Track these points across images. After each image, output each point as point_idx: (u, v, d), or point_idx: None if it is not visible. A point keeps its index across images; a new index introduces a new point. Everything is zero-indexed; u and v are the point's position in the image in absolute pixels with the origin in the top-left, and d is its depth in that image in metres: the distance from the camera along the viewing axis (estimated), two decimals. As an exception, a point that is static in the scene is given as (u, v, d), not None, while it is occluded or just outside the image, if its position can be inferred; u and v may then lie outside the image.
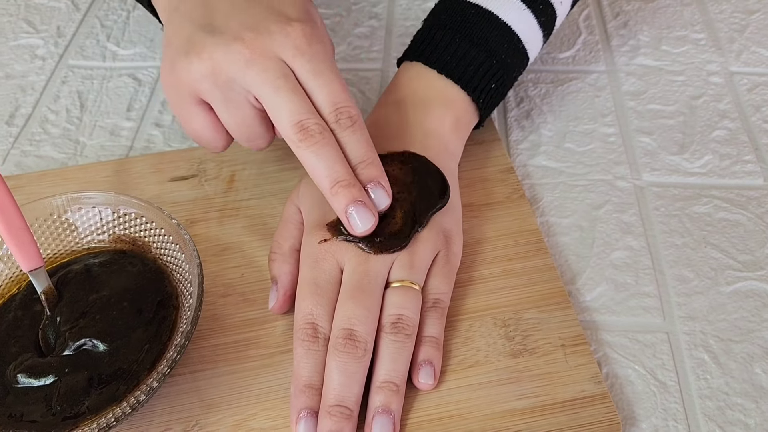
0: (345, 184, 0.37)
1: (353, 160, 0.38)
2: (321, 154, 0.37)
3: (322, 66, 0.38)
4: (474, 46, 0.45)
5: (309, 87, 0.38)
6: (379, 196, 0.38)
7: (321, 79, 0.38)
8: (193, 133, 0.42)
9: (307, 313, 0.39)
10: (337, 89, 0.38)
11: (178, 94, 0.40)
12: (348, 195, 0.37)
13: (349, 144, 0.38)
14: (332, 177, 0.37)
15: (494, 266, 0.44)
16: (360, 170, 0.38)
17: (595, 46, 0.60)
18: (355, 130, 0.38)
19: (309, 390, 0.37)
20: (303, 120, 0.37)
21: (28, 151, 0.54)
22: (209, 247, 0.46)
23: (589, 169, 0.51)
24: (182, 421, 0.38)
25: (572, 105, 0.55)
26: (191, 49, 0.38)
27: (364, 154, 0.38)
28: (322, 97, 0.38)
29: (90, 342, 0.36)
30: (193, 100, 0.39)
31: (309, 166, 0.37)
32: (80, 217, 0.41)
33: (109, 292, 0.38)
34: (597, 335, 0.42)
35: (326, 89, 0.38)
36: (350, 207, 0.37)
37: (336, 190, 0.37)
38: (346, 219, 0.38)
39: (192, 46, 0.38)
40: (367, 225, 0.38)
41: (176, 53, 0.39)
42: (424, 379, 0.39)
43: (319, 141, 0.37)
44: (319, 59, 0.38)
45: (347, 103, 0.38)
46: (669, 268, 0.45)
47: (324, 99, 0.38)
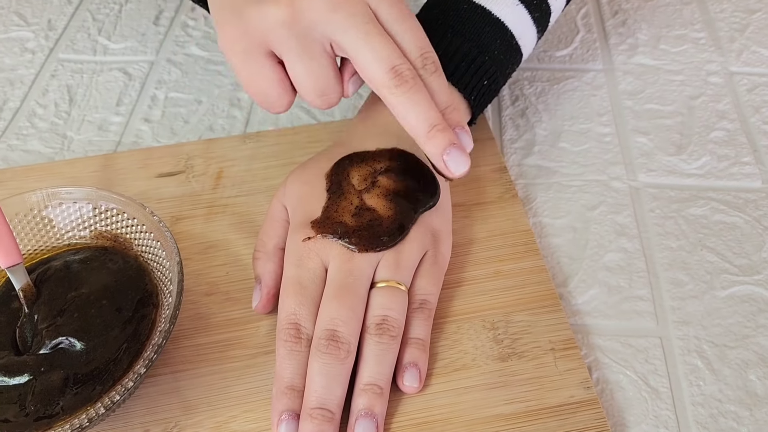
0: (441, 128, 0.36)
1: (441, 104, 0.37)
2: (416, 99, 0.36)
3: (405, 11, 0.37)
4: (466, 42, 0.44)
5: (395, 32, 0.37)
6: (466, 139, 0.38)
7: (406, 24, 0.37)
8: (259, 91, 0.39)
9: (291, 313, 0.38)
10: (421, 34, 0.37)
11: (246, 46, 0.37)
12: (445, 139, 0.36)
13: (435, 89, 0.37)
14: (429, 121, 0.36)
15: (484, 267, 0.43)
16: (447, 114, 0.37)
17: (593, 45, 0.59)
18: (439, 75, 0.37)
19: (291, 392, 0.36)
20: (397, 65, 0.36)
21: (15, 145, 0.54)
22: (194, 245, 0.45)
23: (584, 170, 0.50)
24: (161, 422, 0.37)
25: (568, 104, 0.54)
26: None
27: (450, 99, 0.38)
28: (409, 43, 0.37)
29: (67, 340, 0.35)
30: (263, 52, 0.37)
31: (403, 111, 0.36)
32: (60, 213, 0.40)
33: (88, 290, 0.37)
34: (588, 339, 0.41)
35: (411, 34, 0.37)
36: (448, 149, 0.36)
37: (433, 134, 0.36)
38: (443, 162, 0.36)
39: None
40: (464, 168, 0.37)
41: (244, 2, 0.37)
42: (409, 381, 0.38)
43: (414, 86, 0.36)
44: (401, 5, 0.37)
45: (431, 48, 0.38)
46: (663, 271, 0.44)
47: (411, 44, 0.37)
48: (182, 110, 0.55)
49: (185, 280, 0.43)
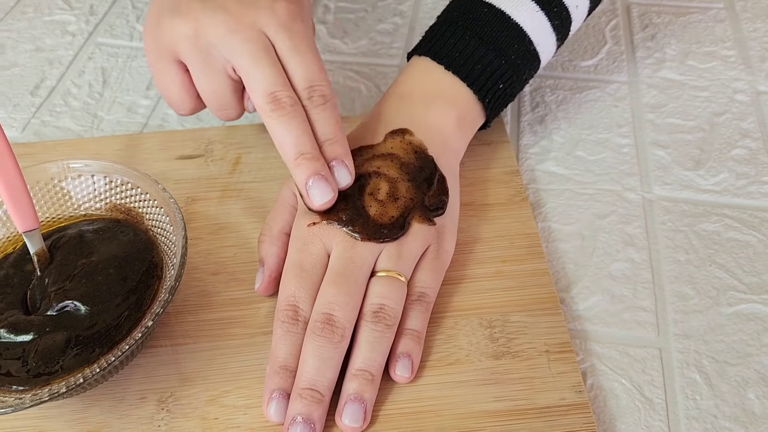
0: (309, 157, 0.38)
1: (321, 136, 0.39)
2: (289, 125, 0.38)
3: (302, 44, 0.39)
4: (483, 45, 0.44)
5: (287, 63, 0.39)
6: (342, 174, 0.39)
7: (300, 56, 0.39)
8: (164, 92, 0.43)
9: (290, 295, 0.39)
10: (314, 68, 0.39)
11: (158, 49, 0.41)
12: (310, 167, 0.38)
13: (318, 121, 0.39)
14: (297, 149, 0.38)
15: (487, 266, 0.43)
16: (326, 147, 0.39)
17: (620, 57, 0.59)
18: (326, 108, 0.39)
19: (284, 371, 0.37)
20: (276, 91, 0.38)
21: (48, 121, 0.56)
22: (206, 225, 0.46)
23: (597, 179, 0.50)
24: (158, 391, 0.38)
25: (588, 113, 0.54)
26: (178, 9, 0.39)
27: (332, 132, 0.39)
28: (298, 74, 0.39)
29: (73, 304, 0.37)
30: (171, 57, 0.41)
31: (277, 136, 0.38)
32: (78, 184, 0.42)
33: (97, 258, 0.39)
34: (586, 345, 0.41)
35: (303, 67, 0.39)
36: (311, 179, 0.38)
37: (299, 162, 0.38)
38: (306, 191, 0.38)
39: (179, 7, 0.39)
40: (325, 198, 0.38)
41: (163, 11, 0.40)
42: (400, 371, 0.38)
43: (290, 113, 0.38)
44: (300, 37, 0.39)
45: (322, 82, 0.39)
46: (669, 283, 0.44)
47: (300, 75, 0.39)
48: (209, 97, 0.57)
49: (194, 258, 0.44)
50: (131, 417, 0.38)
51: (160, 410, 0.38)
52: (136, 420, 0.37)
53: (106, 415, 0.38)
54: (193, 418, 0.37)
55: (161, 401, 0.38)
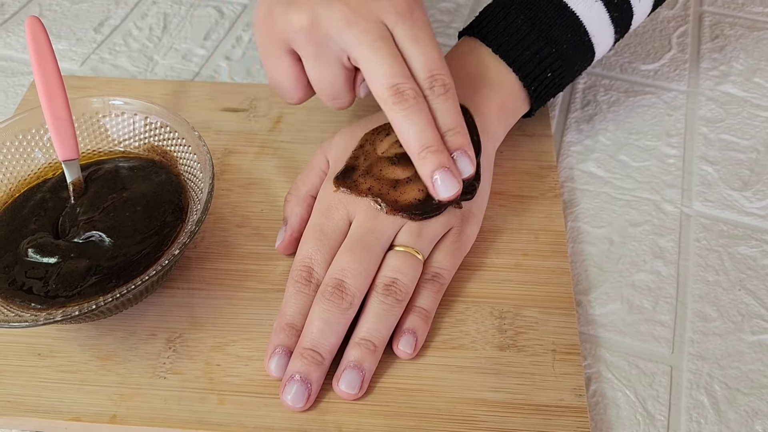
0: (433, 150, 0.37)
1: (443, 127, 0.38)
2: (413, 118, 0.37)
3: (421, 33, 0.38)
4: (535, 31, 0.43)
5: (407, 52, 0.38)
6: (464, 164, 0.38)
7: (419, 45, 0.38)
8: (275, 81, 0.42)
9: (306, 256, 0.39)
10: (435, 57, 0.38)
11: (271, 40, 0.41)
12: (435, 160, 0.37)
13: (440, 111, 0.38)
14: (421, 142, 0.37)
15: (507, 257, 0.43)
16: (448, 137, 0.38)
17: (682, 65, 0.57)
18: (447, 98, 0.38)
19: (289, 329, 0.38)
20: (399, 83, 0.37)
21: (106, 59, 0.57)
22: (238, 178, 0.47)
23: (637, 186, 0.48)
24: (168, 330, 0.40)
25: (639, 119, 0.53)
26: (293, 0, 0.39)
27: (453, 122, 0.38)
28: (419, 63, 0.38)
29: (98, 235, 0.38)
30: (285, 49, 0.40)
31: (400, 129, 0.38)
32: (119, 122, 0.43)
33: (128, 195, 0.40)
34: (596, 351, 0.40)
35: (424, 56, 0.38)
36: (437, 172, 0.38)
37: (424, 155, 0.37)
38: (431, 183, 0.38)
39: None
40: (452, 191, 0.38)
41: (277, 1, 0.40)
42: (403, 346, 0.38)
43: (413, 105, 0.37)
44: (419, 26, 0.38)
45: (443, 71, 0.38)
46: (693, 302, 0.43)
47: (421, 65, 0.38)
48: (262, 55, 0.58)
49: (222, 208, 0.45)
50: (139, 351, 0.39)
51: (167, 349, 0.39)
52: (143, 354, 0.39)
53: (117, 345, 0.39)
54: (197, 361, 0.38)
55: (170, 340, 0.39)
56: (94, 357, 0.39)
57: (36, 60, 0.40)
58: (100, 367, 0.38)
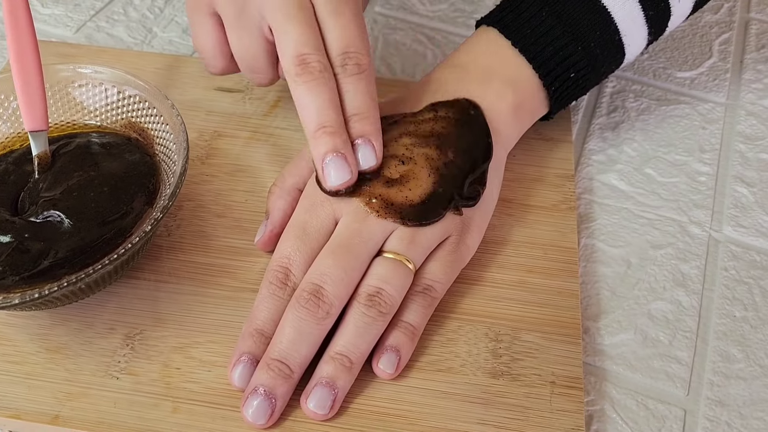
0: (330, 131, 0.34)
1: (349, 110, 0.35)
2: (315, 92, 0.34)
3: (344, 7, 0.35)
4: (560, 25, 0.39)
5: (325, 25, 0.35)
6: (366, 154, 0.35)
7: (339, 19, 0.35)
8: (197, 46, 0.40)
9: (284, 256, 0.35)
10: (353, 33, 0.35)
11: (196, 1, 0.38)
12: (329, 143, 0.34)
13: (349, 92, 0.35)
14: (319, 120, 0.34)
15: (510, 273, 0.39)
16: (353, 122, 0.35)
17: (723, 75, 0.52)
18: (360, 78, 0.35)
19: (258, 336, 0.34)
20: (306, 54, 0.34)
21: (103, 27, 0.54)
22: (225, 164, 0.43)
23: (663, 204, 0.44)
24: (127, 325, 0.36)
25: (670, 130, 0.48)
26: None
27: (362, 107, 0.35)
28: (333, 37, 0.35)
29: (58, 216, 0.35)
30: (208, 9, 0.38)
31: (300, 103, 0.34)
32: (88, 91, 0.40)
33: (95, 173, 0.36)
34: (601, 386, 0.36)
35: (341, 31, 0.35)
36: (329, 156, 0.34)
37: (318, 135, 0.34)
38: (321, 168, 0.34)
39: None
40: (340, 180, 0.34)
41: None
42: (384, 365, 0.34)
43: (317, 79, 0.34)
44: (344, 0, 0.35)
45: (360, 49, 0.35)
46: (716, 339, 0.38)
47: (336, 39, 0.35)
48: (267, 34, 0.54)
49: (204, 195, 0.42)
50: (93, 346, 0.35)
51: (125, 346, 0.35)
52: (97, 350, 0.35)
53: (70, 337, 0.36)
54: (155, 362, 0.35)
55: (128, 336, 0.36)
56: (43, 348, 0.35)
57: (9, 19, 0.37)
58: (49, 360, 0.35)
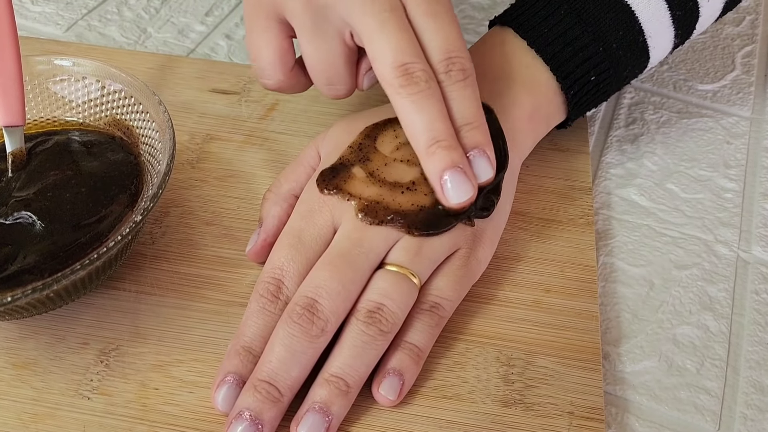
0: (445, 145, 0.31)
1: (458, 120, 0.32)
2: (423, 105, 0.31)
3: (439, 7, 0.32)
4: (580, 24, 0.36)
5: (420, 28, 0.32)
6: (482, 166, 0.32)
7: (436, 21, 0.32)
8: (255, 52, 0.35)
9: (277, 267, 0.32)
10: (454, 35, 0.32)
11: (260, 5, 0.34)
12: (447, 158, 0.31)
13: (456, 100, 0.32)
14: (431, 134, 0.31)
15: (524, 292, 0.35)
16: (464, 133, 0.32)
17: (747, 88, 0.49)
18: (466, 85, 0.32)
19: (246, 354, 0.31)
20: (408, 63, 0.31)
21: (95, 26, 0.51)
22: (216, 169, 0.40)
23: (687, 221, 0.41)
24: (103, 340, 0.33)
25: (693, 144, 0.45)
26: None
27: (472, 115, 0.32)
28: (434, 42, 0.32)
29: (29, 217, 0.31)
30: (275, 18, 0.34)
31: (406, 118, 0.31)
32: (69, 86, 0.37)
33: (73, 172, 0.33)
34: (623, 418, 0.33)
35: (441, 33, 0.32)
36: (447, 172, 0.31)
37: (434, 150, 0.31)
38: (440, 186, 0.31)
39: None
40: (464, 197, 0.31)
41: None
42: (386, 391, 0.31)
43: (424, 90, 0.31)
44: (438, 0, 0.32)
45: (462, 53, 0.32)
46: (748, 368, 0.35)
47: (436, 44, 0.31)
48: (267, 36, 0.51)
49: (192, 201, 0.39)
50: (64, 361, 0.32)
51: (99, 362, 0.32)
52: (68, 366, 0.32)
53: (40, 351, 0.32)
54: (131, 381, 0.31)
55: (103, 352, 0.32)
56: (9, 364, 0.32)
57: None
58: (15, 377, 0.31)
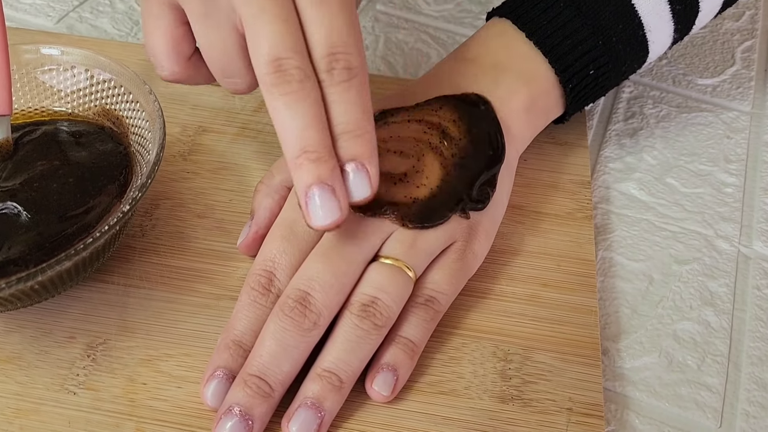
0: (314, 157, 0.27)
1: (337, 126, 0.28)
2: (295, 108, 0.27)
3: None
4: (580, 16, 0.35)
5: (305, 18, 0.28)
6: (358, 183, 0.28)
7: (323, 9, 0.27)
8: (149, 44, 0.31)
9: (268, 259, 0.31)
10: (341, 28, 0.28)
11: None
12: (314, 172, 0.27)
13: (337, 103, 0.28)
14: (301, 143, 0.27)
15: (522, 286, 0.35)
16: (342, 142, 0.28)
17: (747, 83, 0.49)
18: (350, 86, 0.28)
19: (236, 348, 0.30)
20: (283, 58, 0.27)
21: (86, 18, 0.51)
22: (208, 161, 0.39)
23: (687, 216, 0.40)
24: (90, 333, 0.32)
25: (693, 138, 0.44)
26: None
27: (354, 122, 0.28)
28: (318, 34, 0.28)
29: (15, 207, 0.31)
30: (168, 3, 0.30)
31: (276, 120, 0.28)
32: (57, 76, 0.36)
33: (60, 162, 0.33)
34: (623, 414, 0.32)
35: (327, 25, 0.27)
36: (313, 188, 0.27)
37: (300, 162, 0.27)
38: (305, 203, 0.28)
39: None
40: (328, 219, 0.28)
41: None
42: (379, 386, 0.30)
43: (297, 90, 0.27)
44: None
45: (349, 49, 0.28)
46: (749, 365, 0.34)
47: (320, 37, 0.28)
48: (261, 29, 0.51)
49: (184, 193, 0.38)
50: (50, 356, 0.31)
51: (85, 357, 0.31)
52: (54, 361, 0.31)
53: (25, 345, 0.32)
54: (118, 376, 0.31)
55: (90, 347, 0.32)
56: (-7, 358, 0.31)
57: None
58: (-1, 371, 0.31)
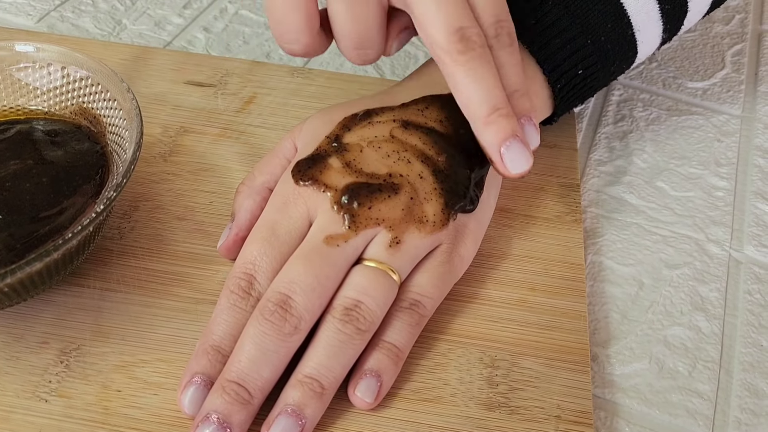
0: (504, 114, 0.30)
1: (509, 86, 0.31)
2: (480, 73, 0.30)
3: None
4: (568, 16, 0.35)
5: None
6: (532, 134, 0.32)
7: None
8: (277, 15, 0.31)
9: (249, 261, 0.30)
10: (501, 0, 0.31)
11: None
12: (507, 127, 0.30)
13: (506, 66, 0.31)
14: (492, 102, 0.30)
15: (509, 290, 0.34)
16: (515, 100, 0.31)
17: (737, 86, 0.48)
18: (513, 50, 0.31)
19: (214, 353, 0.29)
20: (466, 28, 0.29)
21: (68, 17, 0.50)
22: (189, 162, 0.38)
23: (677, 220, 0.39)
24: (63, 339, 0.31)
25: (684, 142, 0.44)
26: None
27: (521, 82, 0.32)
28: (483, 5, 0.30)
29: (-15, 207, 0.30)
30: None
31: (463, 85, 0.30)
32: (32, 74, 0.35)
33: (34, 162, 0.31)
34: (612, 422, 0.31)
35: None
36: (510, 141, 0.30)
37: (494, 119, 0.30)
38: (500, 156, 0.31)
39: None
40: (525, 166, 0.31)
41: None
42: (362, 393, 0.29)
43: (481, 56, 0.30)
44: None
45: (509, 18, 0.31)
46: (741, 371, 0.33)
47: (485, 8, 0.31)
48: (246, 30, 0.50)
49: (164, 195, 0.37)
50: (21, 362, 0.30)
51: (59, 363, 0.30)
52: (25, 367, 0.30)
53: (-5, 351, 0.30)
54: (92, 382, 0.30)
55: (64, 352, 0.30)
56: (-39, 364, 0.30)
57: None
58: (-33, 378, 0.30)
